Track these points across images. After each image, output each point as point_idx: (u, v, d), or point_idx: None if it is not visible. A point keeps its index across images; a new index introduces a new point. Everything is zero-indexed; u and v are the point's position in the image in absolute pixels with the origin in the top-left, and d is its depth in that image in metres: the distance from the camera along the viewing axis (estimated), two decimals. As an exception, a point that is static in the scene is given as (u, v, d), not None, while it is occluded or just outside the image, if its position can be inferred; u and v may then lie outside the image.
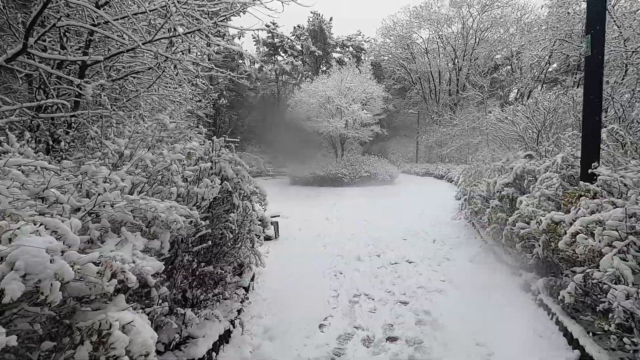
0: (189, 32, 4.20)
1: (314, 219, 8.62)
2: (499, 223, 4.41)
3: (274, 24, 33.63)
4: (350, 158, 17.62)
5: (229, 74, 5.68)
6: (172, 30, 4.04)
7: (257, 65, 34.67)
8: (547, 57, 16.52)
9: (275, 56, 33.62)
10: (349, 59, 29.02)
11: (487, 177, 6.26)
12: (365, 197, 12.78)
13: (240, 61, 26.44)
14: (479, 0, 26.76)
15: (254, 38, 32.87)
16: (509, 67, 26.77)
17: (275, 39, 32.83)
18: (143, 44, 3.60)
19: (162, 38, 3.96)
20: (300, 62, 33.99)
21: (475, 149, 17.08)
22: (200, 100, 19.05)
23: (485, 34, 27.94)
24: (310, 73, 31.04)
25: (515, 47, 23.11)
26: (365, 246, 5.94)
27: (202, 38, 4.58)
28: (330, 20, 32.02)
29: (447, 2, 28.95)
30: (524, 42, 17.90)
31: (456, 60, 29.88)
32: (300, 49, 34.01)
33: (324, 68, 31.20)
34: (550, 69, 18.47)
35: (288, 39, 33.83)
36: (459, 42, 29.07)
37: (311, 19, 31.81)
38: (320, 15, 31.20)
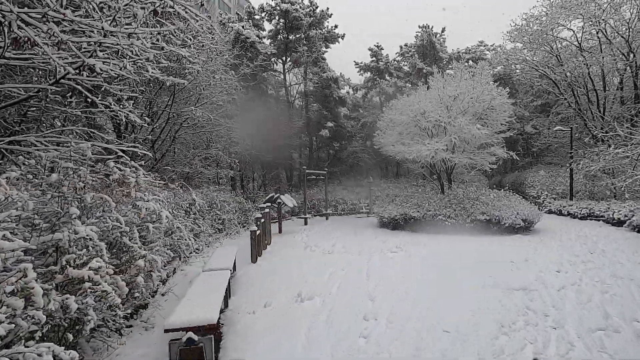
0: None
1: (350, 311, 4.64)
2: None
3: (377, 46, 31.12)
4: (459, 194, 12.48)
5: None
6: None
7: (359, 93, 32.38)
8: None
9: (380, 80, 30.62)
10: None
11: None
12: (474, 258, 7.78)
13: (339, 90, 24.34)
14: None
15: (356, 65, 30.81)
16: None
17: (380, 62, 30.00)
18: None
19: None
20: (409, 84, 30.04)
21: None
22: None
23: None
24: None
25: None
26: None
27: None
28: (442, 31, 27.48)
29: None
30: None
31: (631, 55, 21.02)
32: (408, 69, 30.20)
33: (435, 86, 26.49)
34: None
35: (394, 60, 30.58)
36: (637, 27, 20.41)
37: (419, 34, 27.89)
38: (430, 27, 27.02)
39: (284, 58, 23.04)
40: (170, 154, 12.43)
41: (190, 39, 8.31)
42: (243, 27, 20.24)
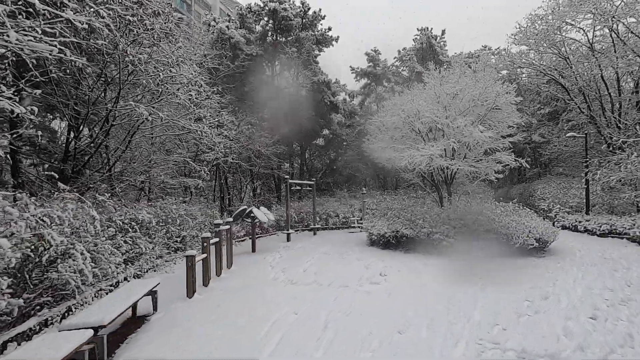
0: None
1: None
2: None
3: (375, 51, 29.71)
4: (459, 207, 10.65)
5: None
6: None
7: (356, 100, 30.87)
8: None
9: (378, 86, 29.11)
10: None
11: None
12: (475, 295, 5.94)
13: (331, 95, 22.72)
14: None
15: (352, 70, 29.39)
16: None
17: (377, 68, 28.55)
18: None
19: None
20: (408, 90, 28.47)
21: None
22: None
23: None
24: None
25: None
26: None
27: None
28: (442, 34, 25.99)
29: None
30: None
31: (647, 56, 19.28)
32: (407, 74, 28.70)
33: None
34: None
35: (392, 65, 29.11)
36: (653, 27, 18.72)
37: (418, 37, 26.43)
38: (429, 29, 25.54)
39: (273, 61, 21.60)
40: (124, 160, 10.81)
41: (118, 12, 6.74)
42: (227, 27, 18.87)
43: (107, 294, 5.94)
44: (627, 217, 14.70)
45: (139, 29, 8.07)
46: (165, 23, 8.97)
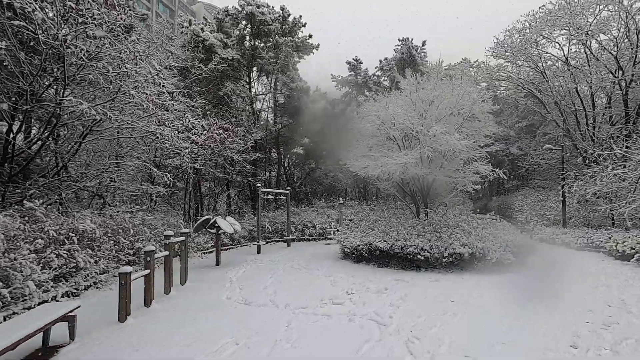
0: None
1: None
2: None
3: (356, 60, 29.55)
4: (434, 220, 10.15)
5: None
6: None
7: (337, 109, 30.53)
8: None
9: (359, 95, 28.86)
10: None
11: None
12: (444, 321, 5.34)
13: (310, 104, 22.20)
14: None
15: (333, 78, 29.09)
16: None
17: (358, 77, 28.34)
18: None
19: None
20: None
21: None
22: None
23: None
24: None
25: None
26: None
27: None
28: (422, 45, 26.04)
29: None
30: None
31: (619, 72, 19.65)
32: (388, 84, 28.60)
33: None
34: None
35: (374, 75, 28.97)
36: (624, 44, 19.14)
37: (399, 47, 26.40)
38: (410, 40, 25.55)
39: (250, 66, 20.96)
40: (80, 165, 9.87)
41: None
42: (202, 29, 18.18)
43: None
44: (603, 231, 14.59)
45: (86, 19, 7.30)
46: (120, 15, 8.23)
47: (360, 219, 12.92)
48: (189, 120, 11.03)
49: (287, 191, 16.39)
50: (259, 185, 14.06)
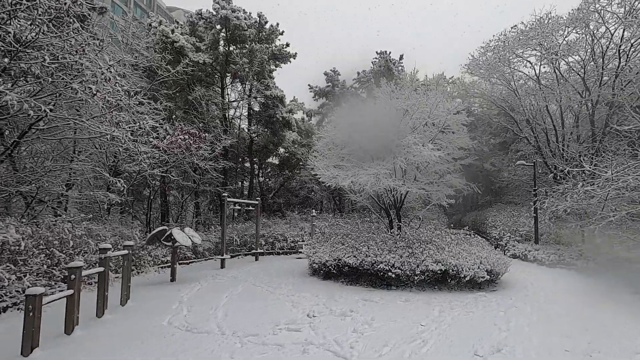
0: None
1: None
2: None
3: (334, 71, 29.41)
4: (407, 234, 9.64)
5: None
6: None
7: (314, 119, 30.18)
8: None
9: (336, 107, 28.62)
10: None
11: None
12: (413, 349, 4.71)
13: (284, 112, 21.53)
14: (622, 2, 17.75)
15: (310, 89, 28.78)
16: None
17: (336, 88, 28.16)
18: None
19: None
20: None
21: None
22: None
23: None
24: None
25: None
26: None
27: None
28: (400, 59, 26.20)
29: (564, 19, 20.46)
30: None
31: (586, 92, 20.28)
32: (365, 97, 28.54)
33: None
34: None
35: (351, 87, 28.88)
36: (590, 67, 19.80)
37: (377, 61, 26.46)
38: (388, 53, 25.66)
39: (224, 72, 20.23)
40: (7, 166, 8.76)
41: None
42: (172, 30, 17.39)
43: None
44: (574, 247, 14.58)
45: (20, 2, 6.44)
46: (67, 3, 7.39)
47: (331, 233, 12.27)
48: (147, 123, 10.14)
49: (256, 202, 15.58)
50: (225, 194, 13.20)
